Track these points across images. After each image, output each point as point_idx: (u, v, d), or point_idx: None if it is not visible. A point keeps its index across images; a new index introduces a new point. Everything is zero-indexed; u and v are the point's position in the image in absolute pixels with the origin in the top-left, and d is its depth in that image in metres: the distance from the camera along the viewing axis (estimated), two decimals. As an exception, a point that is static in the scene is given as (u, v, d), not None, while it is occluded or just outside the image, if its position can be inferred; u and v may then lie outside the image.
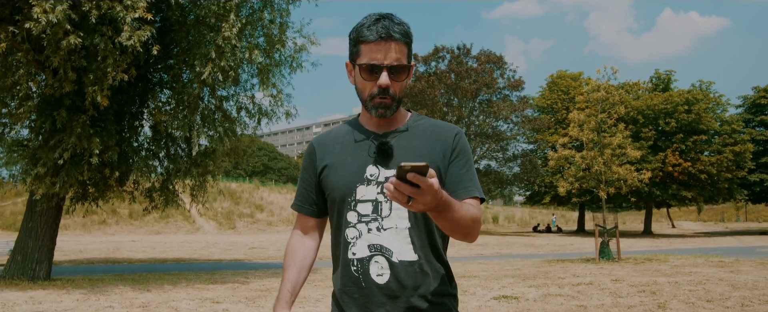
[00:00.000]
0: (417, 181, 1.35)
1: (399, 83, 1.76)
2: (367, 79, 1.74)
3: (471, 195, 1.77)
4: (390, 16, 1.78)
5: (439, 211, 1.49)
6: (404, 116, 1.90)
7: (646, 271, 13.46)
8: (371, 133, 1.86)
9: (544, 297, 9.29)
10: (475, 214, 1.67)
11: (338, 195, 1.82)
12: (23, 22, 9.08)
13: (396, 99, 1.77)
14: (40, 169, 10.15)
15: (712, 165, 39.88)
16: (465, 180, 1.79)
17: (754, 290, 9.89)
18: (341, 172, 1.83)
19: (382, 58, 1.70)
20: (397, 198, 1.37)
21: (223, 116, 11.90)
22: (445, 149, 1.81)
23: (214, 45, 9.83)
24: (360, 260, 1.76)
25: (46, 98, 10.30)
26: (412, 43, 1.80)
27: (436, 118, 1.92)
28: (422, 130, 1.85)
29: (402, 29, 1.74)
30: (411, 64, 1.79)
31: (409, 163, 1.34)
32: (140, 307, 8.43)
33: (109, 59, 9.29)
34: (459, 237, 1.68)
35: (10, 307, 8.34)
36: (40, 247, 11.77)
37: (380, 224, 1.76)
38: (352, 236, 1.78)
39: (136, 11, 8.88)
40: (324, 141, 1.94)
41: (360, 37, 1.74)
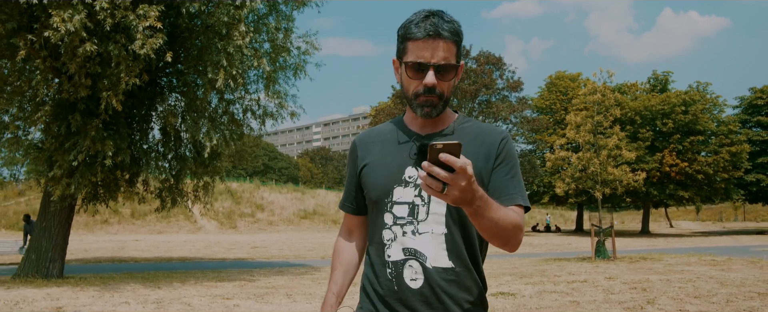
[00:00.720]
0: (449, 163, 1.28)
1: (446, 83, 1.71)
2: (413, 78, 1.69)
3: (514, 203, 1.71)
4: (440, 13, 1.72)
5: (476, 207, 1.44)
6: (450, 117, 1.85)
7: (640, 270, 13.88)
8: (414, 134, 1.81)
9: (539, 294, 9.71)
10: (516, 221, 1.60)
11: (375, 195, 1.79)
12: (41, 31, 9.50)
13: (443, 99, 1.72)
14: (57, 171, 10.56)
15: (708, 165, 40.30)
16: (509, 187, 1.73)
17: (742, 287, 10.31)
18: (380, 171, 1.80)
19: (430, 57, 1.65)
20: (431, 185, 1.33)
21: (231, 119, 12.31)
22: (489, 154, 1.76)
23: (225, 53, 10.23)
24: (394, 263, 1.74)
25: (60, 102, 10.70)
26: (462, 42, 1.75)
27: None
28: (467, 133, 1.80)
29: (451, 27, 1.69)
30: (460, 64, 1.74)
31: (440, 142, 1.28)
32: (154, 303, 8.84)
33: (122, 65, 9.70)
34: (498, 243, 1.63)
35: (29, 303, 8.74)
36: (53, 246, 12.18)
37: (416, 228, 1.72)
38: (388, 238, 1.76)
39: (148, 20, 9.29)
40: (366, 139, 1.91)
41: (408, 34, 1.69)
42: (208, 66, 10.54)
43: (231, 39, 10.44)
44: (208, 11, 10.90)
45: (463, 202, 1.38)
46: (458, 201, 1.37)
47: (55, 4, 9.07)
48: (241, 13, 10.53)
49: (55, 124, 10.55)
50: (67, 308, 8.26)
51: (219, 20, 10.55)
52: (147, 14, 9.26)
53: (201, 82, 11.64)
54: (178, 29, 11.55)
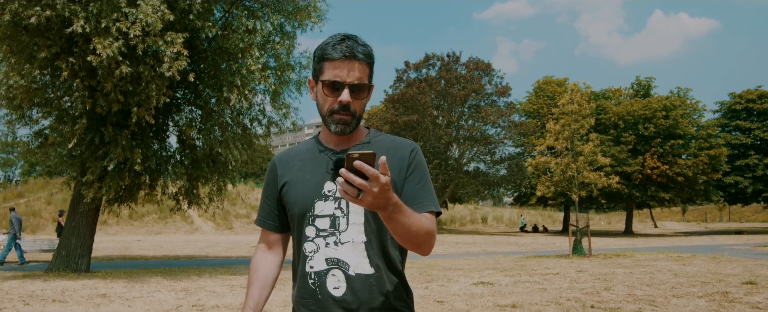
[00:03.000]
0: (363, 170, 1.36)
1: (359, 101, 1.79)
2: (329, 95, 1.77)
3: (426, 209, 1.80)
4: (355, 37, 1.80)
5: (390, 212, 1.52)
6: (363, 133, 1.93)
7: (609, 264, 15.38)
8: (330, 150, 1.88)
9: (515, 283, 11.18)
10: (428, 226, 1.69)
11: (297, 211, 1.84)
12: (80, 55, 10.90)
13: (356, 116, 1.80)
14: (90, 176, 11.95)
15: (688, 168, 42.01)
16: (420, 195, 1.82)
17: (692, 278, 11.83)
18: (300, 188, 1.86)
19: (345, 76, 1.74)
20: (347, 191, 1.40)
21: (242, 130, 13.72)
22: (401, 165, 1.84)
23: (239, 74, 11.66)
24: (317, 273, 1.79)
25: (93, 116, 12.08)
26: (374, 65, 1.84)
27: (426, 123, 2.58)
28: (380, 145, 1.88)
29: (365, 50, 1.78)
30: (371, 84, 1.83)
31: (356, 151, 1.36)
32: (182, 291, 10.24)
33: (151, 84, 11.11)
34: (412, 247, 1.71)
35: (74, 292, 10.10)
36: (81, 244, 13.56)
37: (338, 238, 1.78)
38: (310, 250, 1.81)
39: (175, 46, 10.70)
40: (285, 158, 1.98)
41: (325, 55, 1.77)
42: (224, 85, 11.96)
43: (244, 62, 11.87)
44: (224, 35, 12.31)
45: (377, 207, 1.47)
46: (372, 206, 1.45)
47: (95, 33, 10.47)
48: (253, 38, 11.95)
49: (89, 135, 11.92)
50: (110, 295, 9.65)
51: (234, 44, 11.98)
52: (174, 41, 10.67)
53: (216, 99, 13.07)
54: (196, 50, 12.94)
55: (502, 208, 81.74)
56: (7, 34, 10.93)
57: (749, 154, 47.42)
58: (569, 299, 8.90)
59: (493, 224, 61.45)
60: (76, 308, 8.20)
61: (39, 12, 10.31)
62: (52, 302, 8.78)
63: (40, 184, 49.03)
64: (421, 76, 45.17)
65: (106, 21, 10.38)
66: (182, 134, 13.61)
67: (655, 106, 42.56)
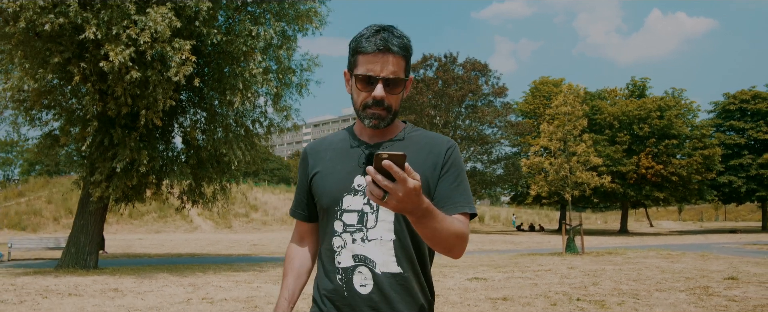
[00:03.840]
0: (391, 171, 1.32)
1: (394, 96, 1.75)
2: (363, 90, 1.74)
3: (459, 210, 1.75)
4: (390, 28, 1.76)
5: (419, 216, 1.47)
6: (398, 127, 1.89)
7: (600, 261, 15.90)
8: (363, 143, 1.85)
9: (507, 279, 11.69)
10: (460, 230, 1.65)
11: (325, 203, 1.82)
12: (91, 60, 11.38)
13: (391, 111, 1.76)
14: (98, 176, 12.43)
15: (682, 167, 42.58)
16: (455, 195, 1.77)
17: (677, 274, 12.35)
18: (330, 179, 1.82)
19: (379, 70, 1.70)
20: (373, 192, 1.36)
21: (245, 132, 14.20)
22: (436, 162, 1.79)
23: (242, 78, 12.15)
24: (344, 269, 1.76)
25: (102, 118, 12.56)
26: (411, 57, 1.79)
27: (423, 123, 2.52)
28: (415, 141, 1.84)
29: (401, 42, 1.73)
30: (408, 78, 1.78)
31: (385, 152, 1.32)
32: (190, 286, 10.72)
33: (158, 88, 11.59)
34: (442, 250, 1.67)
35: (85, 287, 10.57)
36: (90, 241, 14.04)
37: (365, 235, 1.75)
38: (338, 245, 1.78)
39: (183, 53, 11.18)
40: (317, 147, 1.94)
41: (359, 48, 1.73)
42: (228, 89, 12.45)
43: (247, 66, 12.35)
44: (228, 40, 12.78)
45: (403, 211, 1.43)
46: (398, 209, 1.41)
47: (105, 39, 10.96)
48: (256, 43, 12.44)
49: (99, 136, 12.40)
50: (122, 289, 10.12)
51: (237, 49, 12.46)
52: (182, 47, 11.15)
53: (219, 101, 13.57)
54: (201, 54, 13.41)
55: (499, 207, 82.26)
56: (21, 39, 11.39)
57: (743, 154, 48.03)
58: (557, 293, 9.41)
59: (490, 223, 61.98)
60: (92, 301, 8.68)
61: (52, 19, 10.78)
62: (68, 296, 9.26)
63: (41, 183, 49.43)
64: (418, 77, 45.68)
65: (116, 28, 10.86)
66: (187, 135, 14.08)
67: (649, 107, 43.14)
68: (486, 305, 8.17)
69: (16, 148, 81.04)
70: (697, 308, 7.94)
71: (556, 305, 8.17)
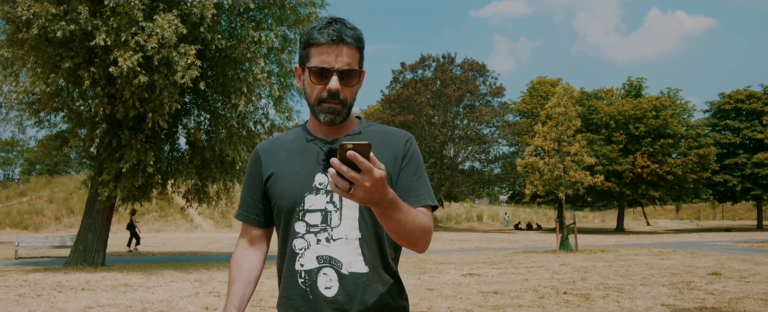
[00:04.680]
0: (356, 162, 1.29)
1: (349, 89, 1.70)
2: (317, 83, 1.68)
3: (422, 203, 1.72)
4: (342, 20, 1.70)
5: (384, 207, 1.44)
6: (353, 123, 1.84)
7: (592, 259, 16.38)
8: (320, 140, 1.78)
9: (500, 274, 12.17)
10: (425, 223, 1.62)
11: (285, 204, 1.74)
12: (100, 65, 11.86)
13: (346, 105, 1.71)
14: (106, 176, 12.90)
15: (678, 167, 43.11)
16: (416, 188, 1.74)
17: (664, 270, 12.84)
18: (288, 180, 1.76)
19: (333, 62, 1.65)
20: (338, 184, 1.32)
21: (247, 133, 14.68)
22: (396, 155, 1.76)
23: (246, 82, 12.63)
24: (308, 272, 1.70)
25: (110, 120, 13.03)
26: (364, 49, 1.75)
27: (422, 122, 2.40)
28: (372, 135, 1.80)
29: (354, 33, 1.69)
30: (362, 70, 1.74)
31: (350, 142, 1.29)
32: (196, 281, 11.20)
33: (165, 92, 12.07)
34: (407, 244, 1.63)
35: (95, 283, 11.04)
36: (97, 239, 14.51)
37: (330, 234, 1.69)
38: (300, 247, 1.72)
39: (189, 57, 11.65)
40: (270, 148, 1.86)
41: (311, 40, 1.68)
42: (232, 92, 12.93)
43: (251, 70, 12.84)
44: (232, 45, 13.26)
45: (370, 202, 1.39)
46: (364, 201, 1.38)
47: (114, 45, 11.43)
48: (259, 48, 12.91)
49: (107, 138, 12.88)
50: (131, 284, 10.60)
51: (241, 54, 12.93)
52: (187, 52, 11.62)
53: (222, 103, 14.06)
54: (205, 59, 13.89)
55: (497, 206, 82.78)
56: (33, 45, 11.86)
57: (738, 153, 48.55)
58: (546, 287, 9.89)
59: (488, 222, 62.50)
60: (105, 295, 9.16)
61: (64, 26, 11.25)
62: (81, 290, 9.73)
63: (43, 183, 49.90)
64: (416, 77, 46.18)
65: (125, 34, 11.34)
66: (191, 137, 14.56)
67: (645, 107, 43.67)
68: (477, 298, 8.65)
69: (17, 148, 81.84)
70: (676, 300, 8.43)
71: (543, 298, 8.66)
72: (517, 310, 7.65)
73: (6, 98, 14.54)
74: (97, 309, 7.83)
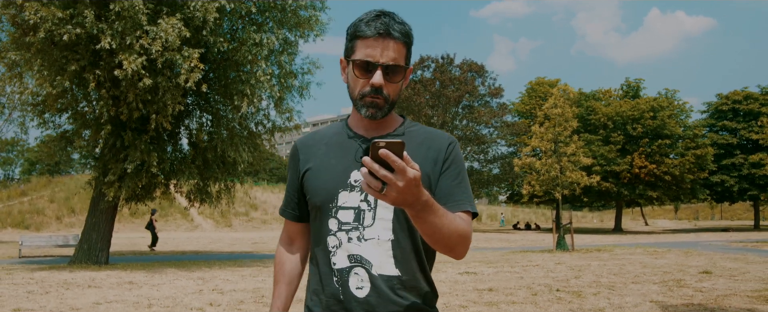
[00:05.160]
0: (389, 161, 1.24)
1: (393, 85, 1.65)
2: (360, 77, 1.63)
3: (461, 209, 1.65)
4: (391, 14, 1.67)
5: (418, 210, 1.38)
6: (396, 121, 1.79)
7: (588, 258, 16.65)
8: (360, 137, 1.74)
9: (496, 273, 12.45)
10: (462, 228, 1.55)
11: (319, 200, 1.70)
12: (105, 68, 12.13)
13: (389, 101, 1.65)
14: (111, 176, 13.17)
15: (675, 167, 43.41)
16: (456, 193, 1.68)
17: (656, 268, 13.11)
18: (324, 175, 1.71)
19: (378, 56, 1.60)
20: (370, 184, 1.28)
21: (248, 134, 14.97)
22: (436, 158, 1.70)
23: (248, 84, 12.91)
24: (340, 271, 1.66)
25: (114, 122, 13.31)
26: (412, 45, 1.70)
27: (421, 123, 1.90)
28: (414, 136, 1.74)
29: (402, 29, 1.64)
30: (408, 67, 1.69)
31: (383, 140, 1.25)
32: (199, 279, 11.47)
33: (168, 94, 12.34)
34: (443, 250, 1.56)
35: (101, 280, 11.31)
36: (101, 238, 14.78)
37: (361, 234, 1.65)
38: (333, 245, 1.68)
39: (192, 60, 11.92)
40: (309, 142, 1.84)
41: (357, 32, 1.63)
42: (234, 94, 13.21)
43: (252, 72, 13.12)
44: (234, 48, 13.53)
45: (403, 204, 1.34)
46: (397, 202, 1.32)
47: (119, 49, 11.71)
48: (260, 51, 13.19)
49: (111, 139, 13.15)
50: (136, 282, 10.87)
51: (243, 56, 13.21)
52: (191, 56, 11.89)
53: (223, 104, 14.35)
54: (207, 61, 14.17)
55: (496, 206, 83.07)
56: (40, 48, 12.13)
57: (735, 154, 48.86)
58: (540, 285, 10.17)
59: (487, 222, 62.75)
60: (111, 292, 9.43)
61: (70, 30, 11.52)
62: (88, 287, 10.00)
63: (43, 183, 50.12)
64: (415, 78, 46.46)
65: (130, 38, 11.62)
66: (194, 138, 14.83)
67: (642, 107, 43.96)
68: (472, 295, 8.93)
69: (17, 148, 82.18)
70: (665, 297, 8.70)
71: (536, 295, 8.93)
72: (510, 306, 7.93)
73: (9, 99, 14.83)
74: (105, 305, 8.10)
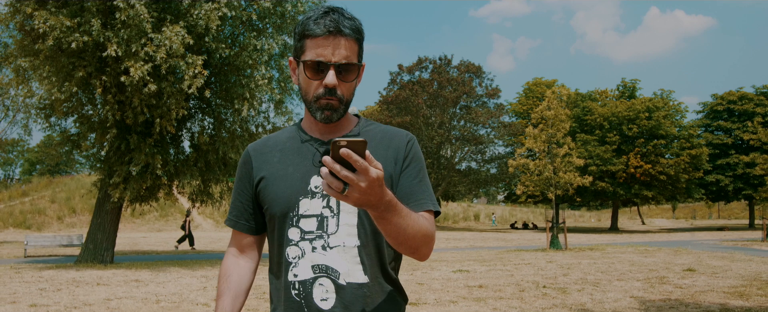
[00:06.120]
0: (350, 160, 1.19)
1: (347, 84, 1.58)
2: (312, 78, 1.55)
3: (424, 208, 1.60)
4: (340, 9, 1.58)
5: (382, 210, 1.33)
6: (352, 121, 1.72)
7: (579, 256, 17.13)
8: (316, 140, 1.66)
9: (488, 271, 12.92)
10: (426, 228, 1.50)
11: (278, 210, 1.62)
12: (111, 74, 12.61)
13: (343, 101, 1.58)
14: (116, 178, 13.64)
15: (670, 167, 43.95)
16: (417, 191, 1.62)
17: (643, 266, 13.59)
18: (281, 183, 1.63)
19: (330, 55, 1.52)
20: (331, 185, 1.21)
21: (249, 136, 15.43)
22: (396, 156, 1.64)
23: (248, 88, 13.38)
24: (302, 283, 1.58)
25: (119, 125, 13.77)
26: (363, 41, 1.62)
27: (419, 123, 2.35)
28: (372, 135, 1.69)
29: (353, 24, 1.56)
30: (361, 64, 1.61)
31: (343, 138, 1.19)
32: (202, 277, 11.93)
33: (172, 99, 12.81)
34: (407, 251, 1.51)
35: (108, 278, 11.76)
36: (106, 238, 15.24)
37: (326, 242, 1.58)
38: (294, 255, 1.60)
39: (196, 67, 12.39)
40: (261, 148, 1.72)
41: (306, 31, 1.55)
42: (235, 98, 13.68)
43: (252, 76, 13.59)
44: (234, 53, 14.00)
45: (365, 205, 1.28)
46: (360, 203, 1.27)
47: (125, 56, 12.18)
48: (261, 56, 13.65)
49: (117, 142, 13.62)
50: (142, 280, 11.33)
51: (243, 62, 13.68)
52: (195, 62, 12.36)
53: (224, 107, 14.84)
54: (208, 66, 14.63)
55: (495, 205, 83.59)
56: (48, 55, 12.59)
57: (730, 153, 49.42)
58: (528, 282, 10.65)
59: (485, 221, 63.21)
60: (120, 289, 9.90)
61: (78, 38, 11.98)
62: (97, 285, 10.46)
63: (44, 183, 50.52)
64: (414, 79, 46.96)
65: (135, 46, 12.08)
66: (196, 140, 15.30)
67: (638, 108, 44.51)
68: (463, 291, 9.40)
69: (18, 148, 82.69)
70: (646, 293, 9.18)
71: (523, 291, 9.41)
72: (497, 302, 8.40)
73: (13, 101, 15.29)
74: (115, 301, 8.56)
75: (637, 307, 7.96)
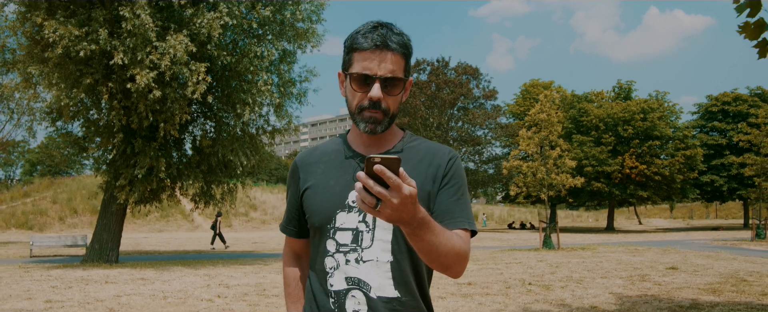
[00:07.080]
0: (383, 177, 1.22)
1: (392, 97, 1.62)
2: (358, 90, 1.61)
3: (459, 226, 1.61)
4: (389, 24, 1.64)
5: (414, 227, 1.36)
6: (397, 136, 1.76)
7: (570, 256, 17.66)
8: (358, 155, 1.71)
9: (479, 269, 13.45)
10: (459, 246, 1.52)
11: (317, 221, 1.69)
12: (117, 81, 13.15)
13: (388, 114, 1.63)
14: (123, 181, 14.18)
15: (665, 167, 44.52)
16: (454, 209, 1.64)
17: (629, 265, 14.12)
18: (322, 195, 1.69)
19: (376, 69, 1.58)
20: (365, 200, 1.26)
21: (250, 139, 15.98)
22: (436, 174, 1.66)
23: (250, 94, 13.93)
24: (337, 293, 1.64)
25: (124, 130, 14.30)
26: (411, 57, 1.67)
27: (417, 124, 2.57)
28: (415, 152, 1.71)
29: (400, 40, 1.62)
30: (408, 78, 1.66)
31: (378, 155, 1.23)
32: (205, 276, 12.46)
33: (175, 104, 13.35)
34: (439, 268, 1.54)
35: (115, 277, 12.28)
36: (111, 238, 15.78)
37: (359, 255, 1.62)
38: (330, 266, 1.66)
39: (199, 74, 12.93)
40: (308, 159, 1.80)
41: (354, 45, 1.61)
42: (237, 103, 14.23)
43: (253, 82, 14.14)
44: (236, 60, 14.54)
45: (398, 221, 1.32)
46: (392, 219, 1.30)
47: (131, 63, 12.72)
48: (261, 63, 14.20)
49: (122, 146, 14.16)
50: (148, 278, 11.86)
51: (244, 67, 14.22)
52: (198, 69, 12.90)
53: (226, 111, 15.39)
54: (210, 72, 15.17)
55: (494, 206, 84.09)
56: (57, 63, 13.13)
57: (725, 154, 49.98)
58: (515, 279, 11.18)
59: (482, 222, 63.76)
60: (128, 287, 10.43)
61: (85, 46, 12.52)
62: (105, 283, 10.99)
63: (46, 184, 50.92)
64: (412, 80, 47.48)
65: (140, 54, 12.61)
66: (198, 144, 15.84)
67: (633, 109, 45.06)
68: (452, 288, 9.94)
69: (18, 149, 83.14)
70: (625, 290, 9.72)
71: (509, 288, 9.95)
72: (483, 297, 8.94)
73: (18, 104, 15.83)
74: (125, 297, 9.10)
75: (614, 302, 8.50)
